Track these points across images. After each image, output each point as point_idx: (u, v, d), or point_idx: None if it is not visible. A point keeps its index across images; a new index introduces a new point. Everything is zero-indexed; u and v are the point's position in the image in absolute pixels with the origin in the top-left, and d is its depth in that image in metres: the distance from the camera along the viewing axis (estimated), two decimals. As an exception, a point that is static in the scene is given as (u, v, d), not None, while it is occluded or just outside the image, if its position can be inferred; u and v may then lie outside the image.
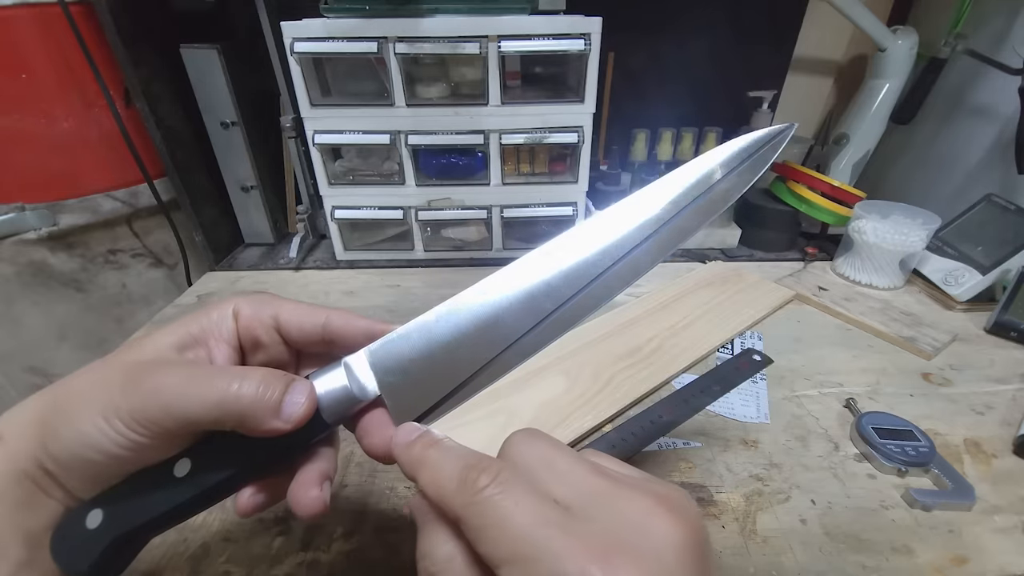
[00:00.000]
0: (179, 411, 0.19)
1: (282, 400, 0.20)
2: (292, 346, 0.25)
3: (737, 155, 0.24)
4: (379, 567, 0.32)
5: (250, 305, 0.24)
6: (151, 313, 0.69)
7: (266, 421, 0.20)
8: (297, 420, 0.20)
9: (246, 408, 0.19)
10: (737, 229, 0.73)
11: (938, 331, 0.53)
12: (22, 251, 0.62)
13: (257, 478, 0.22)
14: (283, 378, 0.21)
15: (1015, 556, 0.33)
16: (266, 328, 0.24)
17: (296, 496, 0.21)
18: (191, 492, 0.20)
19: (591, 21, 0.56)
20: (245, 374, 0.20)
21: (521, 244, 0.72)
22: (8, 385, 0.67)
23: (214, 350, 0.23)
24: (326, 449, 0.23)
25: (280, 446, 0.21)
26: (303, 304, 0.25)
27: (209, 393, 0.19)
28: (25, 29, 0.55)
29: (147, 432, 0.19)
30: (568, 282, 0.23)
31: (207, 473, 0.20)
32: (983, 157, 0.66)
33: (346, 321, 0.24)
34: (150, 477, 0.20)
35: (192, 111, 0.65)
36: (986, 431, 0.42)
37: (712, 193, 0.24)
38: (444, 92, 0.62)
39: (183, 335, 0.23)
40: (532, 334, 0.22)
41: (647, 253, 0.23)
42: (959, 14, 0.64)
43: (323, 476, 0.22)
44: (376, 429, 0.23)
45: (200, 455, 0.21)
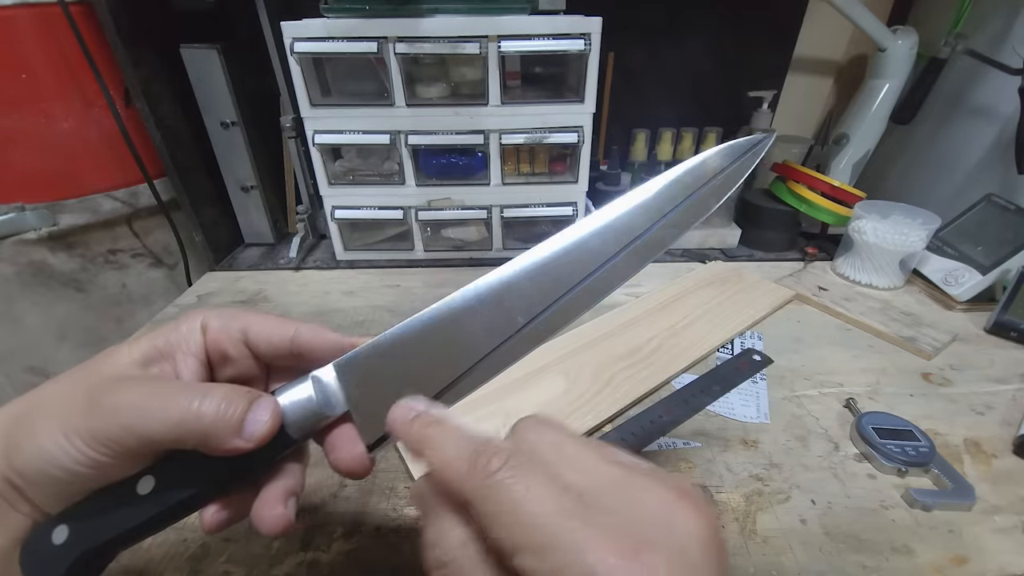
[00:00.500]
0: (139, 430, 0.19)
1: (244, 418, 0.20)
2: (261, 360, 0.25)
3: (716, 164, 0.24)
4: (379, 567, 0.32)
5: (218, 319, 0.24)
6: (151, 313, 0.69)
7: (227, 440, 0.19)
8: (259, 438, 0.20)
9: (207, 428, 0.19)
10: (737, 229, 0.73)
11: (938, 331, 0.53)
12: (22, 251, 0.62)
13: (222, 495, 0.21)
14: (246, 395, 0.20)
15: (1015, 556, 0.33)
16: (234, 342, 0.24)
17: (259, 514, 0.21)
18: (154, 510, 0.20)
19: (591, 21, 0.56)
20: (207, 391, 0.20)
21: (521, 244, 0.72)
22: (8, 385, 0.67)
23: (181, 365, 0.23)
24: (293, 465, 0.23)
25: (244, 464, 0.21)
26: (272, 317, 0.24)
27: (169, 412, 0.19)
28: (25, 29, 0.55)
29: (107, 451, 0.19)
30: (541, 295, 0.22)
31: (170, 491, 0.20)
32: (983, 157, 0.66)
33: (315, 335, 0.24)
34: (114, 494, 0.20)
35: (192, 111, 0.65)
36: (986, 431, 0.42)
37: (689, 203, 0.23)
38: (444, 92, 0.62)
39: (149, 349, 0.22)
40: (503, 348, 0.22)
41: (622, 265, 0.23)
42: (959, 14, 0.64)
43: (288, 493, 0.22)
44: (343, 444, 0.22)
45: (163, 473, 0.20)
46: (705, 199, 0.23)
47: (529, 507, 0.15)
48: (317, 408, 0.22)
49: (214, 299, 0.63)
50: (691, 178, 0.23)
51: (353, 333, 0.62)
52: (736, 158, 0.24)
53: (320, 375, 0.22)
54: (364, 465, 0.22)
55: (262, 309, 0.61)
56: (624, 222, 0.23)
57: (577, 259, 0.23)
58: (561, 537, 0.14)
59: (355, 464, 0.22)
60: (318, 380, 0.22)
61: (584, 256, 0.23)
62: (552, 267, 0.22)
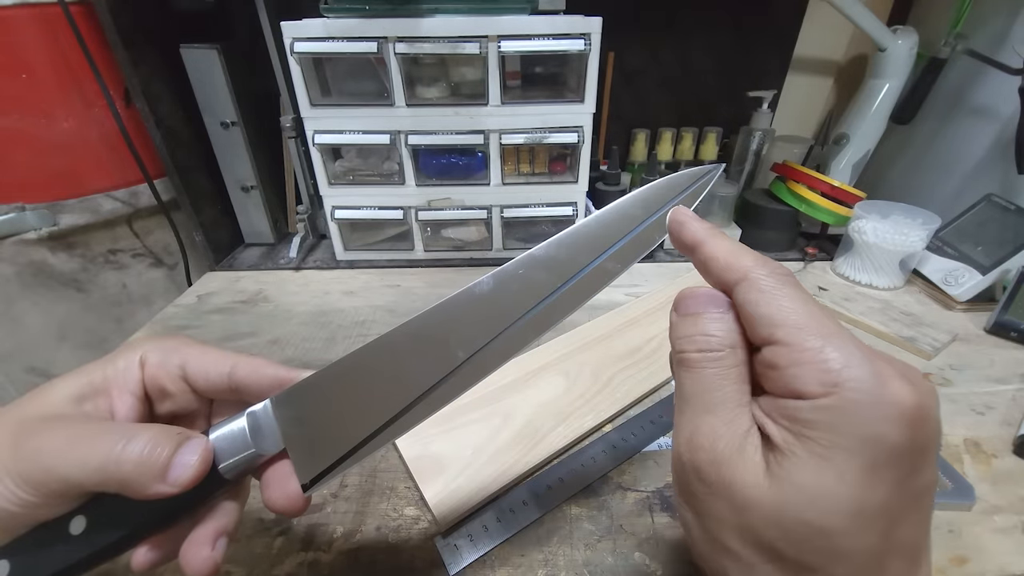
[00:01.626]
0: (60, 474, 0.19)
1: (170, 462, 0.19)
2: (201, 395, 0.24)
3: (659, 197, 0.23)
4: (380, 567, 0.32)
5: (157, 353, 0.23)
6: (151, 313, 0.69)
7: (150, 486, 0.19)
8: (185, 483, 0.19)
9: (129, 473, 0.19)
10: (737, 229, 0.73)
11: (938, 331, 0.53)
12: (22, 251, 0.62)
13: (155, 534, 0.21)
14: (175, 437, 0.20)
15: (1015, 556, 0.33)
16: (172, 378, 0.23)
17: (187, 555, 0.20)
18: (87, 550, 0.20)
19: (591, 21, 0.56)
20: (133, 434, 0.19)
21: (521, 244, 0.72)
22: (8, 385, 0.67)
23: (116, 401, 0.22)
24: (228, 503, 0.22)
25: (174, 506, 0.20)
26: (212, 351, 0.24)
27: (90, 457, 0.19)
28: (25, 29, 0.55)
29: (34, 492, 0.19)
30: (482, 329, 0.22)
31: (101, 532, 0.20)
32: (983, 157, 0.66)
33: (253, 369, 0.23)
34: (49, 532, 0.20)
35: (192, 111, 0.65)
36: (986, 431, 0.42)
37: (634, 236, 0.23)
38: (444, 92, 0.62)
39: (84, 385, 0.22)
40: (444, 383, 0.21)
41: (566, 299, 0.22)
42: (959, 14, 0.64)
43: (218, 533, 0.21)
44: (277, 483, 0.22)
45: (94, 513, 0.20)
46: (650, 233, 0.23)
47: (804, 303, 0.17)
48: (251, 446, 0.21)
49: (214, 299, 0.63)
50: (638, 210, 0.23)
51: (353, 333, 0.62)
52: (684, 188, 0.23)
53: (256, 411, 0.22)
54: (298, 505, 0.22)
55: (262, 309, 0.61)
56: (569, 255, 0.22)
57: (520, 292, 0.22)
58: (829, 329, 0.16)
59: (288, 503, 0.21)
60: (254, 416, 0.22)
61: (527, 289, 0.22)
62: (494, 300, 0.22)
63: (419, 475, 0.37)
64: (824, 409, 0.15)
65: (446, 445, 0.38)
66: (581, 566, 0.32)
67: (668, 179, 0.24)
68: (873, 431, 0.15)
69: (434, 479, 0.36)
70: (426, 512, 0.35)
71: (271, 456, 0.22)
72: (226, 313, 0.60)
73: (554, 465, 0.38)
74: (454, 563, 0.32)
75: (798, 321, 0.16)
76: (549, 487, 0.36)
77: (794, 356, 0.16)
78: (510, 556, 0.33)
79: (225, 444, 0.21)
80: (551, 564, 0.32)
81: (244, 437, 0.21)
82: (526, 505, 0.35)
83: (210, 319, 0.59)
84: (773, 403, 0.17)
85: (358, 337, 0.54)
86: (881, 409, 0.15)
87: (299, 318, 0.59)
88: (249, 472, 0.22)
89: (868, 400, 0.15)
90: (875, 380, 0.15)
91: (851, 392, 0.15)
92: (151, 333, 0.56)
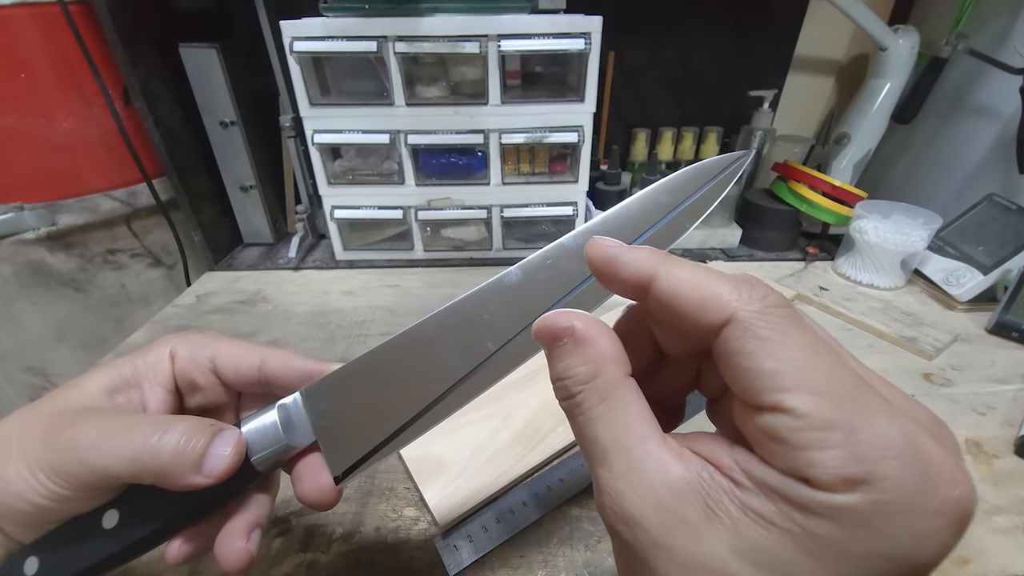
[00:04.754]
0: (95, 466, 0.19)
1: (205, 453, 0.19)
2: (231, 388, 0.24)
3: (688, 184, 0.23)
4: (379, 568, 0.32)
5: (187, 347, 0.23)
6: (150, 313, 0.69)
7: (186, 477, 0.19)
8: (220, 474, 0.19)
9: (165, 464, 0.19)
10: (738, 229, 0.73)
11: (939, 331, 0.53)
12: (21, 251, 0.62)
13: (187, 527, 0.21)
14: (208, 428, 0.20)
15: (1016, 557, 0.32)
16: (203, 371, 0.23)
17: (222, 547, 0.21)
18: (120, 544, 0.20)
19: (591, 20, 0.55)
20: (168, 425, 0.19)
21: (521, 244, 0.71)
22: (7, 385, 0.67)
23: (148, 394, 0.22)
24: (260, 496, 0.22)
25: (207, 498, 0.20)
26: (241, 344, 0.24)
27: (126, 448, 0.19)
28: (24, 28, 0.55)
29: (68, 485, 0.19)
30: (512, 319, 0.21)
31: (134, 526, 0.20)
32: (984, 157, 0.66)
33: (282, 362, 0.23)
34: (81, 527, 0.20)
35: (191, 110, 0.65)
36: (987, 431, 0.42)
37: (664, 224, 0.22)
38: (444, 91, 0.62)
39: (116, 378, 0.22)
40: (475, 374, 0.21)
41: (596, 290, 0.22)
42: (960, 13, 0.63)
43: (251, 526, 0.21)
44: (309, 475, 0.22)
45: (127, 507, 0.20)
46: (680, 220, 0.22)
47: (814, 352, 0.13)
48: (283, 439, 0.21)
49: (213, 299, 0.63)
50: (667, 197, 0.22)
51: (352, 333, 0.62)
52: (713, 177, 0.23)
53: (287, 403, 0.22)
54: (330, 497, 0.22)
55: (261, 309, 0.61)
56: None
57: (549, 282, 0.22)
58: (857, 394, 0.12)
59: (320, 496, 0.21)
60: (285, 409, 0.22)
61: (557, 278, 0.22)
62: (524, 290, 0.22)
63: (419, 476, 0.36)
64: (842, 509, 0.11)
65: (446, 446, 0.38)
66: (581, 567, 0.32)
67: (697, 166, 0.23)
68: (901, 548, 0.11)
69: (434, 480, 0.36)
70: (425, 513, 0.35)
71: (302, 448, 0.22)
72: (225, 313, 0.60)
73: (554, 466, 0.38)
74: (454, 564, 0.32)
75: (816, 384, 0.12)
76: (549, 488, 0.36)
77: (810, 436, 0.12)
78: (510, 557, 0.33)
79: (257, 436, 0.21)
80: (551, 565, 0.32)
81: (276, 429, 0.21)
82: (526, 506, 0.35)
83: (209, 319, 0.59)
84: (766, 471, 0.13)
85: (357, 337, 0.54)
86: (921, 522, 0.11)
87: (298, 318, 0.59)
88: (280, 465, 0.22)
89: (906, 508, 0.11)
90: (921, 479, 0.11)
91: (884, 494, 0.11)
92: (150, 334, 0.56)
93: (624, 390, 0.15)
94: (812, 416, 0.12)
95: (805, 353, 0.13)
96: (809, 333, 0.13)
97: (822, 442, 0.12)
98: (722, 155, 0.23)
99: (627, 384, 0.16)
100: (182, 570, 0.32)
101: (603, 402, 0.15)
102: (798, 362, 0.13)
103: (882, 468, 0.11)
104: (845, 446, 0.12)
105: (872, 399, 0.12)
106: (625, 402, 0.15)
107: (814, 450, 0.12)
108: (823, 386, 0.12)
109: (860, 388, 0.13)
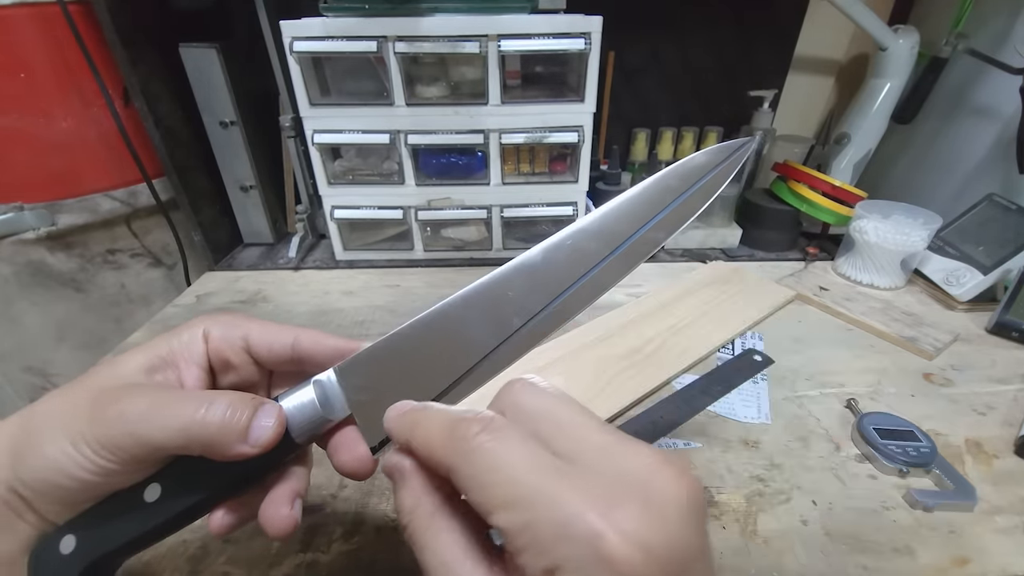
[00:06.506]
0: (144, 438, 0.19)
1: (250, 424, 0.20)
2: (263, 366, 0.25)
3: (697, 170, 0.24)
4: (379, 568, 0.32)
5: (220, 327, 0.24)
6: (150, 313, 0.69)
7: (233, 447, 0.20)
8: (265, 444, 0.20)
9: (213, 435, 0.19)
10: (738, 229, 0.73)
11: (939, 331, 0.53)
12: (21, 251, 0.62)
13: (228, 499, 0.22)
14: (251, 402, 0.21)
15: (1016, 557, 0.32)
16: (236, 350, 0.24)
17: (267, 515, 0.21)
18: (162, 517, 0.20)
19: (591, 20, 0.55)
20: (212, 399, 0.20)
21: (521, 244, 0.71)
22: (7, 385, 0.67)
23: (184, 372, 0.23)
24: (297, 468, 0.23)
25: (250, 469, 0.21)
26: (272, 324, 0.25)
27: (174, 420, 0.19)
28: (24, 28, 0.55)
29: (114, 458, 0.19)
30: (536, 297, 0.23)
31: (177, 498, 0.20)
32: (984, 157, 0.66)
33: (315, 340, 0.24)
34: (121, 502, 0.20)
35: (191, 110, 0.65)
36: (987, 431, 0.42)
37: (676, 206, 0.24)
38: (444, 91, 0.62)
39: (152, 357, 0.22)
40: (501, 349, 0.22)
41: (614, 267, 0.23)
42: (960, 13, 0.63)
43: (294, 495, 0.22)
44: (346, 447, 0.23)
45: (170, 480, 0.20)
46: (690, 202, 0.24)
47: (505, 466, 0.15)
48: (320, 412, 0.22)
49: (213, 299, 0.63)
50: (677, 181, 0.24)
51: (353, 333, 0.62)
52: (720, 161, 0.24)
53: (322, 379, 0.23)
54: (367, 466, 0.23)
55: (261, 309, 0.61)
56: (616, 225, 0.23)
57: (571, 261, 0.23)
58: (536, 492, 0.14)
59: (359, 465, 0.22)
60: (320, 384, 0.22)
61: (578, 258, 0.23)
62: (546, 269, 0.23)
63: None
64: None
65: (446, 446, 0.38)
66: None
67: (705, 152, 0.24)
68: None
69: (434, 480, 0.36)
70: (426, 513, 0.35)
71: (337, 422, 0.23)
72: (225, 313, 0.60)
73: (554, 466, 0.38)
74: (454, 564, 0.32)
75: (506, 496, 0.15)
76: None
77: (513, 544, 0.14)
78: (510, 557, 0.33)
79: (295, 410, 0.22)
80: (551, 565, 0.32)
81: (313, 403, 0.22)
82: (526, 506, 0.35)
83: (209, 319, 0.59)
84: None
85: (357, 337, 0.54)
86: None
87: (298, 318, 0.59)
88: (315, 438, 0.23)
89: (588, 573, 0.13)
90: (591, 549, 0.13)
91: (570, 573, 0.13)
92: (150, 334, 0.56)
93: (440, 516, 0.17)
94: (509, 529, 0.14)
95: (501, 473, 0.15)
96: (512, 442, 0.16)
97: (522, 547, 0.14)
98: (728, 142, 0.25)
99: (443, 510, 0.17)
100: (183, 569, 0.32)
101: (426, 529, 0.17)
102: (494, 485, 0.15)
103: (562, 552, 0.13)
104: (533, 545, 0.14)
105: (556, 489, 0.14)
106: (444, 526, 0.17)
107: (520, 555, 0.14)
108: (513, 498, 0.14)
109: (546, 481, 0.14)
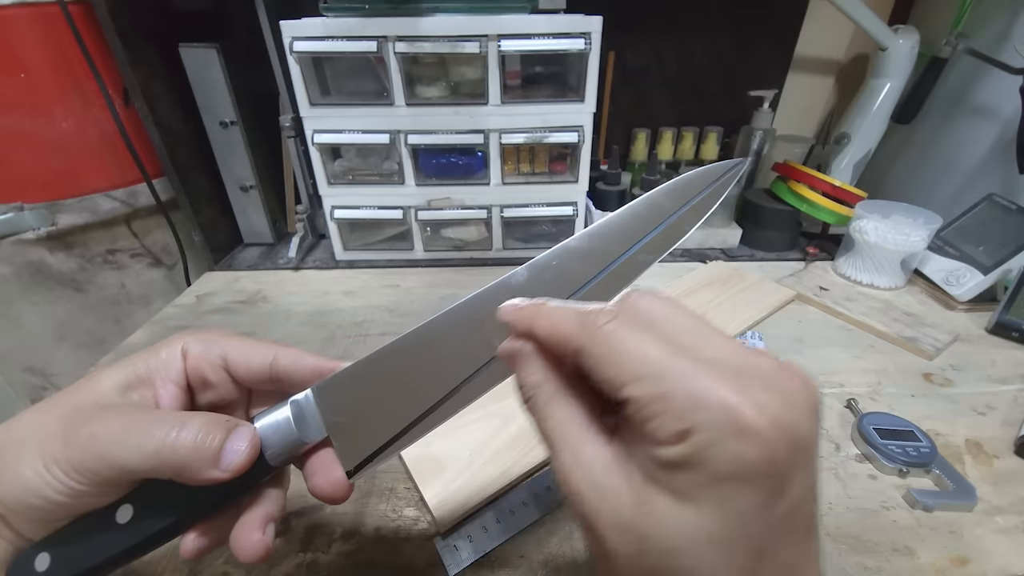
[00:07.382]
0: (115, 460, 0.19)
1: (222, 448, 0.20)
2: (241, 384, 0.25)
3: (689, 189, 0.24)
4: (379, 568, 0.32)
5: (198, 344, 0.24)
6: (150, 313, 0.69)
7: (204, 471, 0.19)
8: (237, 469, 0.20)
9: (184, 459, 0.19)
10: (738, 229, 0.73)
11: (939, 331, 0.53)
12: (20, 251, 0.62)
13: (201, 522, 0.21)
14: (224, 424, 0.20)
15: (1016, 557, 0.32)
16: (214, 368, 0.24)
17: (237, 540, 0.21)
18: (134, 539, 0.20)
19: (591, 20, 0.55)
20: (184, 421, 0.20)
21: (521, 244, 0.71)
22: (7, 385, 0.67)
23: (160, 391, 0.23)
24: (272, 490, 0.23)
25: (222, 492, 0.21)
26: (251, 342, 0.24)
27: (145, 443, 0.19)
28: (24, 28, 0.55)
29: (85, 480, 0.19)
30: None
31: (149, 519, 0.20)
32: (984, 157, 0.66)
33: (294, 360, 0.24)
34: (94, 522, 0.20)
35: (191, 111, 0.65)
36: (987, 431, 0.42)
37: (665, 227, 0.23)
38: (444, 91, 0.62)
39: (129, 375, 0.22)
40: (482, 371, 0.22)
41: (598, 290, 0.23)
42: (960, 13, 0.63)
43: (267, 519, 0.22)
44: (322, 470, 0.22)
45: (141, 501, 0.20)
46: (680, 223, 0.23)
47: (636, 347, 0.16)
48: (296, 435, 0.22)
49: (213, 299, 0.63)
50: (668, 200, 0.23)
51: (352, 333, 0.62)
52: (712, 181, 0.24)
53: (299, 400, 0.22)
54: (343, 491, 0.22)
55: (261, 309, 0.61)
56: (602, 246, 0.23)
57: (554, 282, 0.22)
58: (669, 368, 0.15)
59: (333, 490, 0.22)
60: (297, 405, 0.22)
61: (562, 279, 0.22)
62: (529, 290, 0.22)
63: (418, 476, 0.36)
64: (680, 455, 0.15)
65: (446, 446, 0.38)
66: (582, 567, 0.32)
67: (696, 172, 0.24)
68: (727, 468, 0.14)
69: (434, 480, 0.36)
70: (425, 513, 0.35)
71: (314, 444, 0.22)
72: (225, 313, 0.60)
73: (554, 466, 0.38)
74: (453, 564, 0.32)
75: (638, 371, 0.16)
76: (549, 487, 0.36)
77: (646, 412, 0.15)
78: (510, 557, 0.33)
79: (270, 432, 0.21)
80: (551, 565, 0.32)
81: (288, 425, 0.22)
82: (526, 506, 0.35)
83: (209, 319, 0.59)
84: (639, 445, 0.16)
85: (357, 337, 0.54)
86: (734, 445, 0.14)
87: (298, 318, 0.59)
88: (292, 460, 0.23)
89: (720, 438, 0.14)
90: (726, 416, 0.14)
91: (702, 435, 0.14)
92: (150, 334, 0.56)
93: (562, 394, 0.19)
94: (642, 398, 0.16)
95: (634, 348, 0.16)
96: (639, 332, 0.17)
97: (653, 414, 0.15)
98: (720, 162, 0.24)
99: (563, 389, 0.19)
100: (182, 570, 0.32)
101: (548, 403, 0.18)
102: (626, 363, 0.16)
103: (697, 417, 0.14)
104: (666, 412, 0.15)
105: (696, 366, 0.15)
106: (565, 402, 0.18)
107: (651, 421, 0.15)
108: (646, 372, 0.16)
109: (686, 359, 0.16)
